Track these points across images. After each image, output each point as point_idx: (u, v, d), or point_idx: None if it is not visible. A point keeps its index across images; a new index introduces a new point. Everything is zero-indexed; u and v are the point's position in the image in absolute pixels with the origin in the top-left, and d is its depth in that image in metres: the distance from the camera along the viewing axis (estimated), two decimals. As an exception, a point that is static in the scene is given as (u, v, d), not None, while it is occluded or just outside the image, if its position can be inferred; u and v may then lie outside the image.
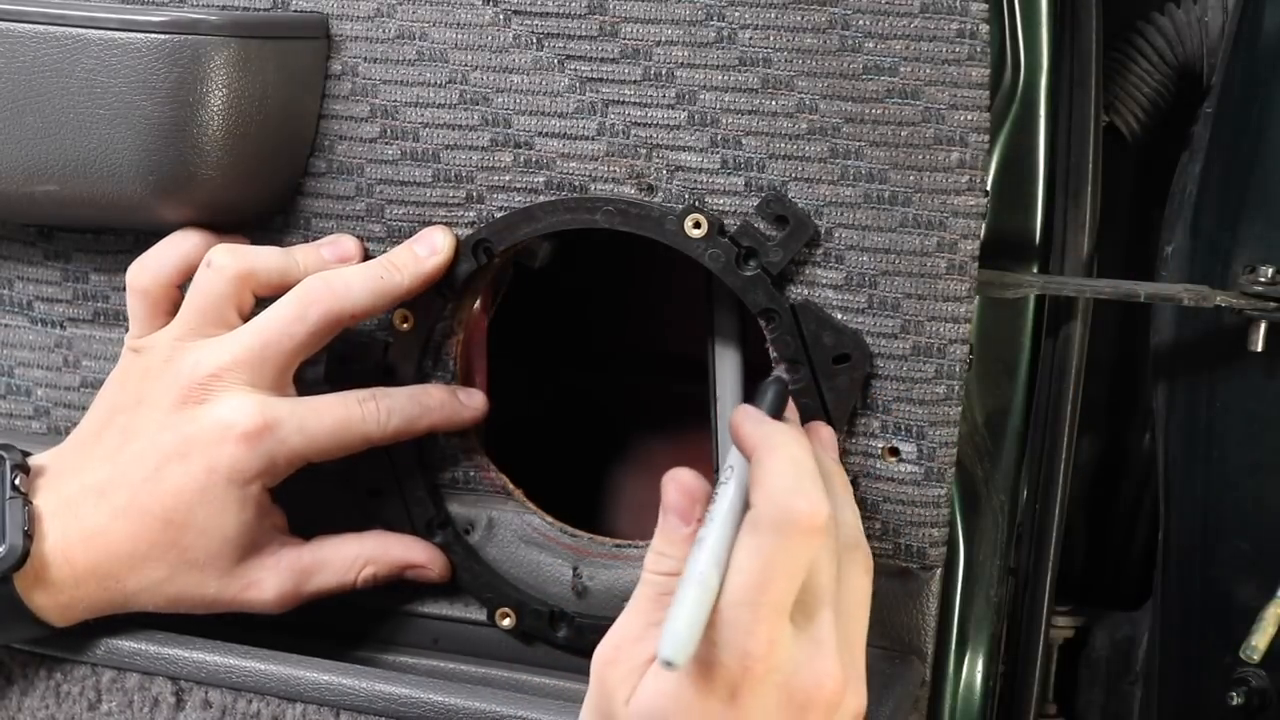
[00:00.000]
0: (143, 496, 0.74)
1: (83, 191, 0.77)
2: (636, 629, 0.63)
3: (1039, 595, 0.90)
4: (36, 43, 0.76)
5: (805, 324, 0.75)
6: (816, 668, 0.61)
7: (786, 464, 0.62)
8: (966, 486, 0.85)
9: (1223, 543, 0.90)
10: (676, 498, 0.64)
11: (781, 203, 0.74)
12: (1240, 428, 0.88)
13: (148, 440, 0.75)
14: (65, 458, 0.77)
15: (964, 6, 0.72)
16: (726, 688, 0.60)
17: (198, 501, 0.74)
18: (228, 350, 0.75)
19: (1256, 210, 0.87)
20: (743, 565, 0.60)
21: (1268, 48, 0.87)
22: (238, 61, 0.75)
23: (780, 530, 0.60)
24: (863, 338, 0.74)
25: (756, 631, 0.59)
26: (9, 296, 0.87)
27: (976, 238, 0.74)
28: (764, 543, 0.60)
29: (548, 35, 0.76)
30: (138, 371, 0.77)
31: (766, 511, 0.61)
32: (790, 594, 0.60)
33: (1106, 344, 0.99)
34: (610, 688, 0.62)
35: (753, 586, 0.59)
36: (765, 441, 0.64)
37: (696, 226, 0.75)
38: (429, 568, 0.81)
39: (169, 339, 0.77)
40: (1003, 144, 0.89)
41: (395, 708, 0.73)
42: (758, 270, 0.75)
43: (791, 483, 0.61)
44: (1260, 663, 0.85)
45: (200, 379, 0.75)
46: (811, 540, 0.60)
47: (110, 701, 0.77)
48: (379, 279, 0.76)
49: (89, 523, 0.74)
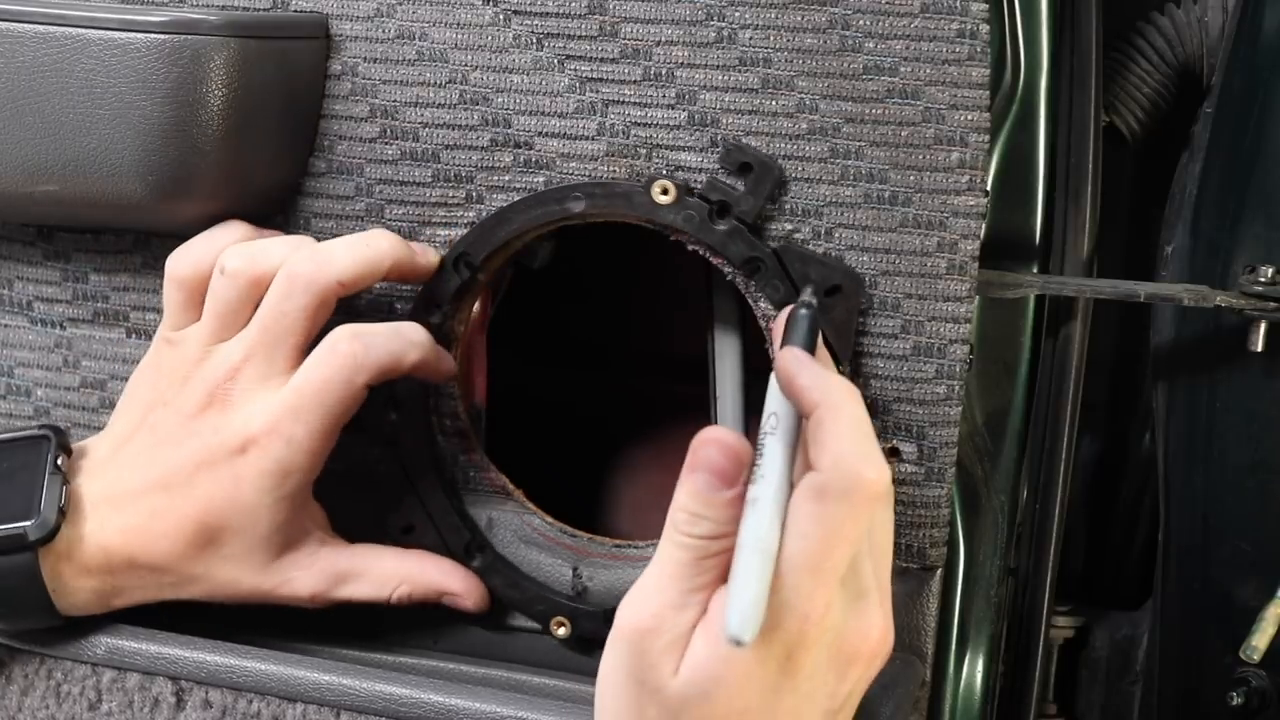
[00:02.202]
0: (178, 500, 0.75)
1: (83, 191, 0.77)
2: (675, 595, 0.60)
3: (1039, 595, 0.90)
4: (36, 43, 0.75)
5: (790, 264, 0.74)
6: (864, 622, 0.61)
7: (851, 427, 0.60)
8: (966, 486, 0.85)
9: (1223, 543, 0.90)
10: (720, 459, 0.60)
11: (741, 150, 0.74)
12: (1240, 428, 0.88)
13: (178, 448, 0.76)
14: (103, 450, 0.78)
15: (964, 6, 0.72)
16: (784, 651, 0.59)
17: (230, 508, 0.75)
18: (239, 349, 0.76)
19: (1256, 210, 0.87)
20: (807, 531, 0.58)
21: (1268, 48, 0.87)
22: (238, 61, 0.75)
23: (847, 498, 0.58)
24: (851, 266, 0.74)
25: (816, 595, 0.58)
26: (9, 296, 0.87)
27: (976, 238, 0.74)
28: (830, 510, 0.58)
29: (548, 35, 0.77)
30: (169, 369, 0.78)
31: (834, 479, 0.59)
32: (849, 558, 0.59)
33: (1106, 344, 0.99)
34: (653, 659, 0.60)
35: (817, 553, 0.58)
36: (827, 399, 0.61)
37: (664, 193, 0.75)
38: (464, 597, 0.80)
39: (197, 341, 0.77)
40: (1003, 144, 0.89)
41: (395, 708, 0.73)
42: (733, 223, 0.75)
43: (859, 448, 0.59)
44: (1260, 663, 0.85)
45: (221, 382, 0.76)
46: (875, 506, 0.59)
47: (110, 701, 0.77)
48: (365, 246, 0.76)
49: (128, 518, 0.75)
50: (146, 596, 0.77)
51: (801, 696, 0.60)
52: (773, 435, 0.62)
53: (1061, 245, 0.89)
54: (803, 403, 0.62)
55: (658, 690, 0.60)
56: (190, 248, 0.78)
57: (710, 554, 0.60)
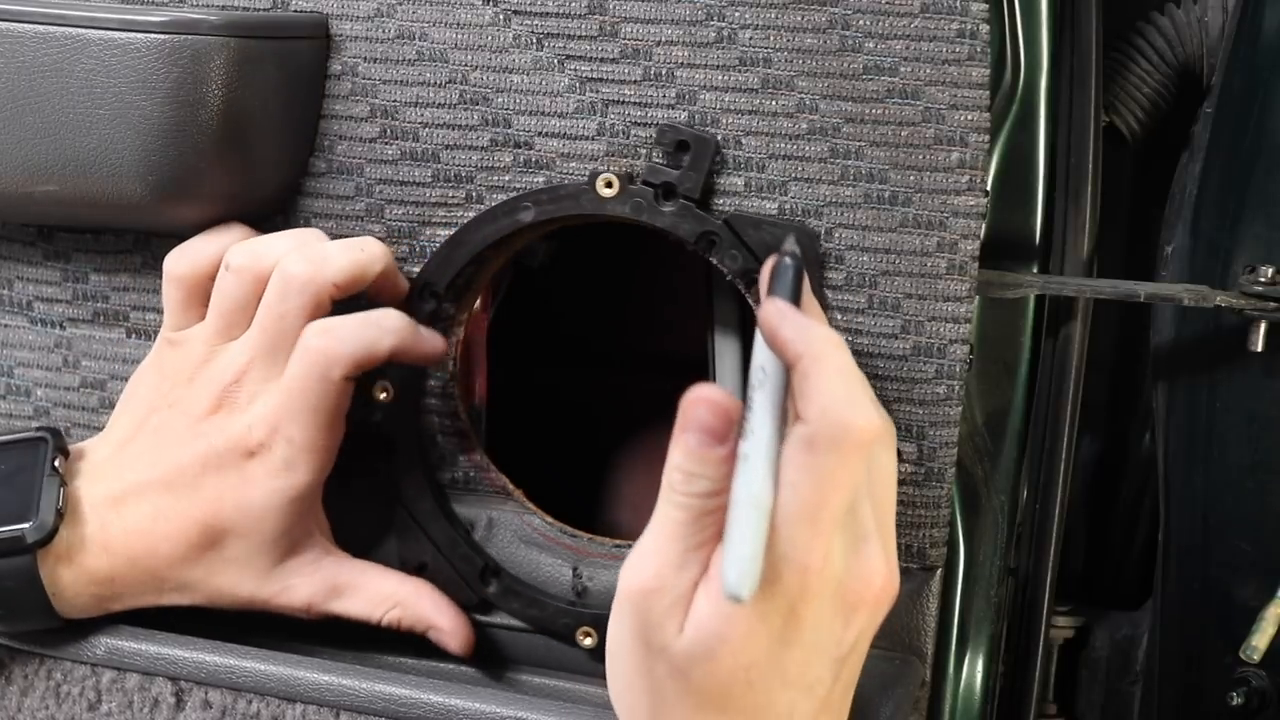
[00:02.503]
0: (183, 502, 0.75)
1: (83, 191, 0.77)
2: (675, 555, 0.60)
3: (1039, 595, 0.90)
4: (36, 43, 0.75)
5: (743, 231, 0.75)
6: (866, 568, 0.60)
7: (837, 376, 0.60)
8: (966, 486, 0.85)
9: (1223, 543, 0.90)
10: (709, 417, 0.60)
11: (675, 129, 0.75)
12: (1240, 428, 0.88)
13: (184, 449, 0.76)
14: (104, 451, 0.78)
15: (964, 6, 0.72)
16: (787, 605, 0.59)
17: (236, 511, 0.75)
18: (244, 351, 0.76)
19: (1256, 210, 0.86)
20: (799, 481, 0.58)
21: (1268, 48, 0.87)
22: (238, 61, 0.75)
23: (838, 446, 0.58)
24: (804, 223, 0.74)
25: (814, 546, 0.58)
26: (8, 296, 0.87)
27: (976, 238, 0.74)
28: (820, 460, 0.58)
29: (548, 35, 0.76)
30: (172, 369, 0.78)
31: (822, 429, 0.59)
32: (845, 507, 0.59)
33: (1106, 344, 0.99)
34: (657, 618, 0.60)
35: (811, 503, 0.58)
36: (810, 350, 0.60)
37: (608, 186, 0.75)
38: (449, 635, 0.79)
39: (201, 340, 0.77)
40: (1003, 144, 0.89)
41: (395, 708, 0.73)
42: (680, 201, 0.75)
43: (845, 395, 0.59)
44: (1260, 663, 0.85)
45: (228, 384, 0.76)
46: (866, 452, 0.59)
47: (110, 702, 0.77)
48: (359, 250, 0.76)
49: (130, 520, 0.75)
50: (145, 601, 0.77)
51: (808, 648, 0.60)
52: (760, 389, 0.61)
53: (1061, 245, 0.89)
54: (787, 355, 0.61)
55: (664, 650, 0.60)
56: (188, 247, 0.78)
57: (707, 511, 0.60)
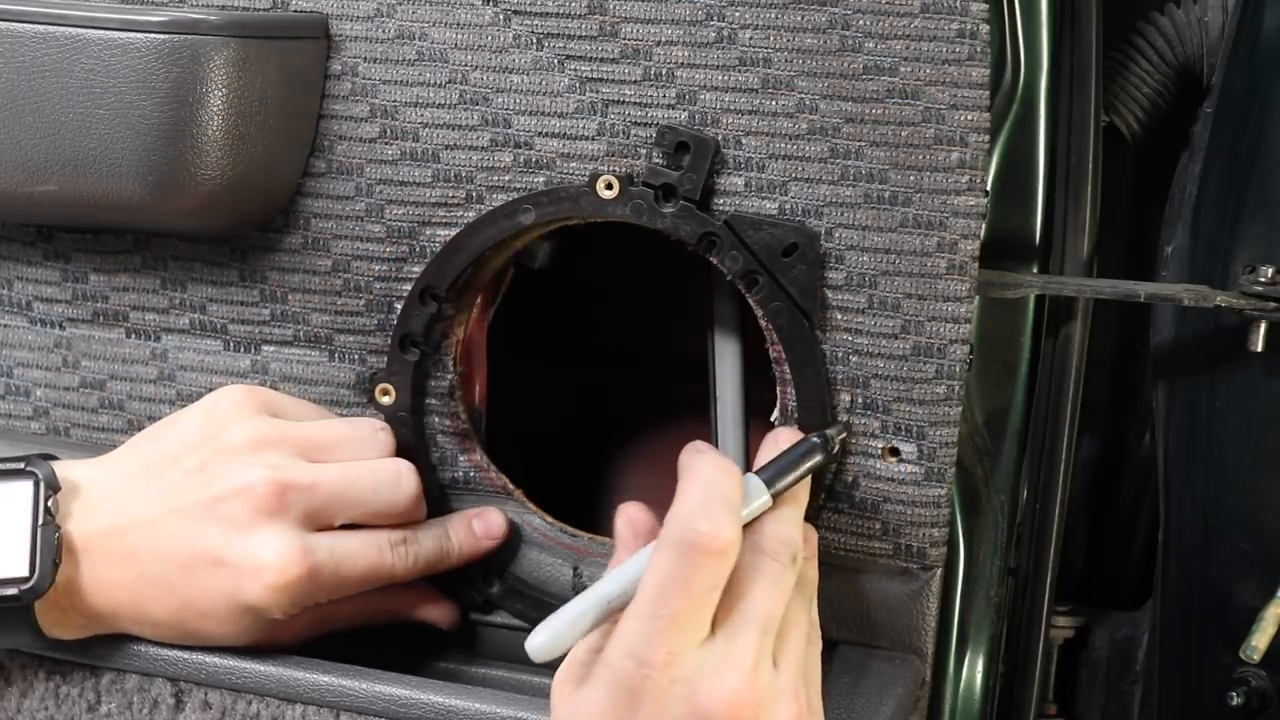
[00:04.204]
0: (172, 576, 0.74)
1: (83, 191, 0.77)
2: (582, 653, 0.65)
3: (1039, 595, 0.90)
4: (36, 43, 0.75)
5: (743, 232, 0.75)
6: (723, 683, 0.62)
7: (699, 488, 0.64)
8: (966, 486, 0.85)
9: (1223, 543, 0.90)
10: (622, 529, 0.68)
11: (675, 131, 0.75)
12: (1240, 428, 0.88)
13: (189, 526, 0.74)
14: (102, 486, 0.76)
15: (964, 6, 0.72)
16: (627, 693, 0.62)
17: (221, 608, 0.74)
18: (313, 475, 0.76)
19: (1256, 210, 0.86)
20: (646, 581, 0.63)
21: (1268, 48, 0.87)
22: (238, 61, 0.75)
23: (679, 549, 0.62)
24: (804, 223, 0.74)
25: (653, 642, 0.61)
26: (8, 296, 0.87)
27: (976, 238, 0.74)
28: (663, 560, 0.62)
29: (548, 35, 0.76)
30: (213, 429, 0.77)
31: (670, 531, 0.63)
32: (693, 611, 0.62)
33: (1106, 344, 0.99)
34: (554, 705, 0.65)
35: (650, 600, 0.62)
36: (686, 470, 0.66)
37: (608, 187, 0.76)
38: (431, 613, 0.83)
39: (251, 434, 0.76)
40: (1003, 144, 0.89)
41: (395, 708, 0.73)
42: (680, 203, 0.75)
43: (697, 506, 0.63)
44: (1260, 663, 0.85)
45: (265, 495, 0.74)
46: (710, 560, 0.62)
47: (110, 703, 0.77)
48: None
49: (116, 574, 0.74)
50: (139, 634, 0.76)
51: None
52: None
53: (1061, 245, 0.89)
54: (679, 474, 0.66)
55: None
56: None
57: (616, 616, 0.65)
